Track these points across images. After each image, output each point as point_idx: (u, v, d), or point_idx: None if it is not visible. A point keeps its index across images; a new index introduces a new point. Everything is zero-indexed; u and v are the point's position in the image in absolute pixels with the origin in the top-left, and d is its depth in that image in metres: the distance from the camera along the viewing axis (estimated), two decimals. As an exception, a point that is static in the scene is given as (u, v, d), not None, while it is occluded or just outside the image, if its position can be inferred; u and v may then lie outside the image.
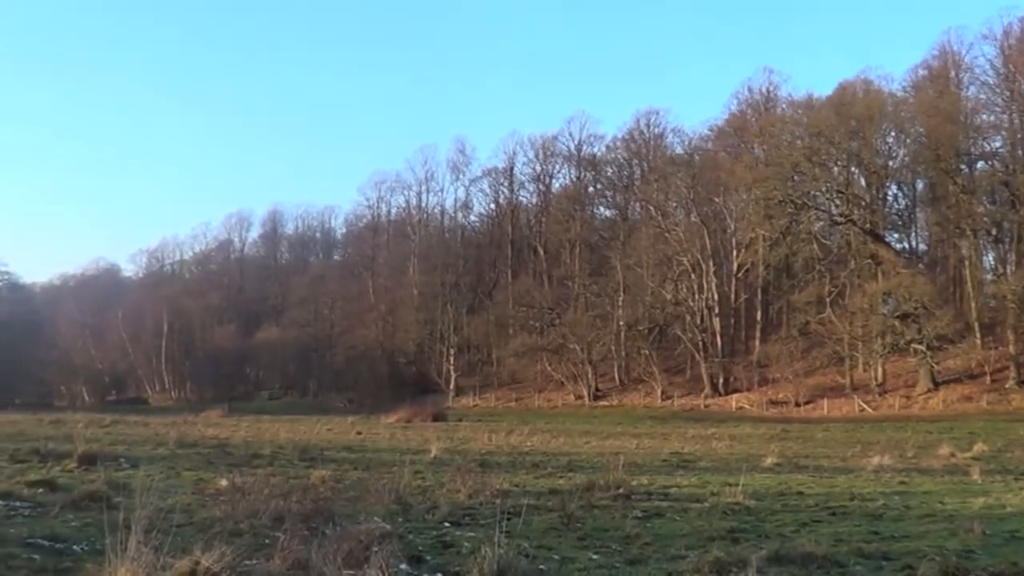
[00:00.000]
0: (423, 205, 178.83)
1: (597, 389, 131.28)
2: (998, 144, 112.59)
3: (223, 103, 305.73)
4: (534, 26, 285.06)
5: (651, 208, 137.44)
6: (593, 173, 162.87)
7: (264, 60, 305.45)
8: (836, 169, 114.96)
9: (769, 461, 33.38)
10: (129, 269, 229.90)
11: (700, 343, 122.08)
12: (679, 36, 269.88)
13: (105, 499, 17.56)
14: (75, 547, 13.93)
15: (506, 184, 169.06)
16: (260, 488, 18.42)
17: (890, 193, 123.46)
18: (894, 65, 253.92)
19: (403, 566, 12.86)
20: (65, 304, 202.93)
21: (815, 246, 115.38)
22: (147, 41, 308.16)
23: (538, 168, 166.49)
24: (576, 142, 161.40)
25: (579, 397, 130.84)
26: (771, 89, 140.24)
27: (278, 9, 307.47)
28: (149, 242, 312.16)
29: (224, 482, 21.24)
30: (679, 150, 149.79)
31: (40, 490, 20.14)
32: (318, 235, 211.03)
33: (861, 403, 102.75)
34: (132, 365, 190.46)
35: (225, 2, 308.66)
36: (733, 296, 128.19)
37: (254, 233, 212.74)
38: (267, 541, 14.08)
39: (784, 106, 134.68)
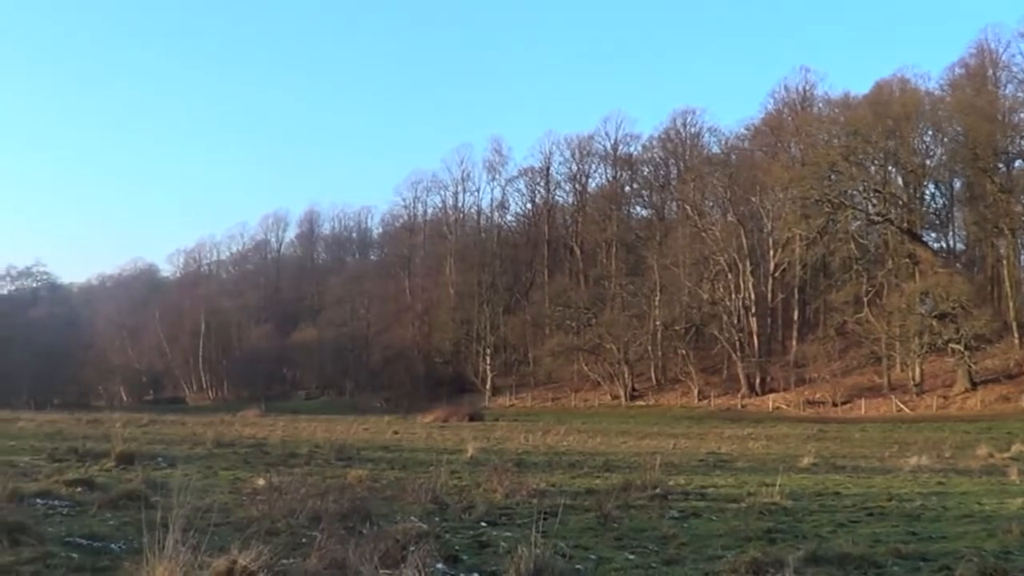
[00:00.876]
0: (459, 205, 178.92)
1: (633, 389, 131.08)
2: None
3: (260, 103, 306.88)
4: (570, 26, 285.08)
5: (687, 208, 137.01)
6: (629, 173, 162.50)
7: (301, 60, 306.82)
8: (873, 168, 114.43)
9: (806, 461, 33.25)
10: (166, 269, 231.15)
11: (737, 343, 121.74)
12: (715, 35, 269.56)
13: (143, 498, 17.63)
14: (113, 546, 13.98)
15: (542, 184, 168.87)
16: (297, 487, 18.49)
17: (927, 192, 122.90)
18: (931, 63, 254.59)
19: (440, 566, 12.86)
20: (103, 304, 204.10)
21: (852, 245, 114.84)
22: (184, 42, 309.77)
23: (574, 168, 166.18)
24: (612, 141, 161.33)
25: (615, 397, 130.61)
26: (807, 88, 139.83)
27: (314, 9, 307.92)
28: (186, 242, 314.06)
29: (261, 481, 21.29)
30: (715, 149, 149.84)
31: (78, 489, 20.21)
32: (354, 235, 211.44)
33: (898, 403, 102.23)
34: (169, 365, 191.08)
35: (258, 2, 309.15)
36: (770, 296, 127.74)
37: (291, 233, 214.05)
38: (304, 540, 14.11)
39: (821, 105, 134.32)
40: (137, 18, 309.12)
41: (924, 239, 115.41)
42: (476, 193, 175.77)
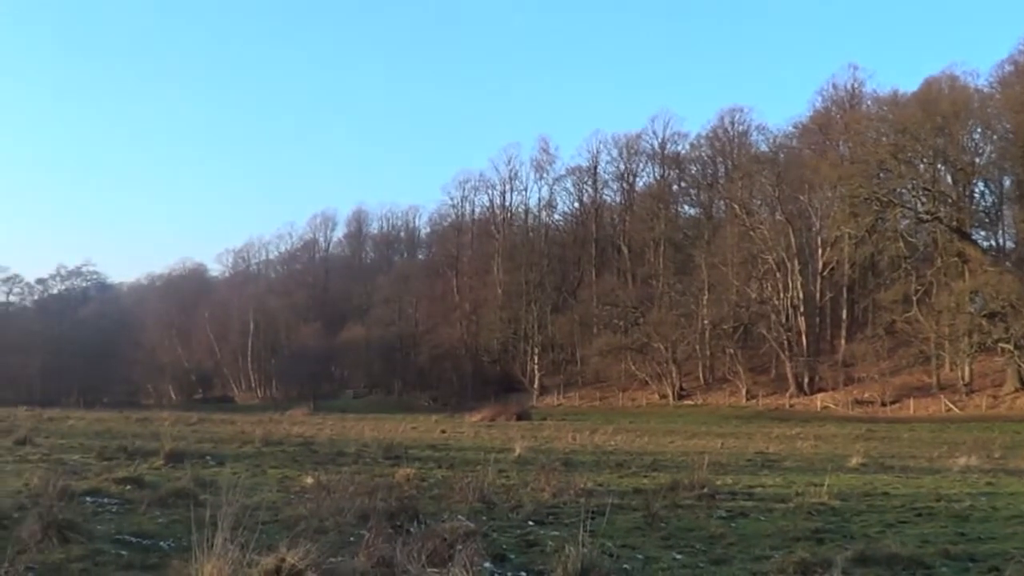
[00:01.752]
0: (507, 204, 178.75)
1: (681, 388, 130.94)
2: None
3: (308, 104, 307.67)
4: (618, 24, 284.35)
5: (736, 206, 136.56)
6: (677, 171, 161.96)
7: (348, 61, 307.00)
8: (922, 166, 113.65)
9: (854, 461, 33.00)
10: (215, 269, 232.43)
11: (785, 342, 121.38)
12: (763, 33, 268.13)
13: (192, 496, 17.75)
14: (162, 543, 14.07)
15: (590, 183, 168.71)
16: (345, 486, 18.50)
17: (977, 190, 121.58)
18: (980, 61, 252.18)
19: (487, 564, 12.84)
20: (152, 303, 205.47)
21: (901, 244, 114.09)
22: (230, 43, 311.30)
23: (622, 167, 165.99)
24: (660, 140, 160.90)
25: (663, 396, 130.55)
26: (856, 86, 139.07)
27: (361, 10, 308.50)
28: (235, 242, 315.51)
29: (309, 480, 21.37)
30: (763, 148, 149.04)
31: (128, 487, 20.39)
32: (402, 234, 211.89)
33: (948, 403, 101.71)
34: (218, 364, 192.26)
35: (306, 5, 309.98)
36: (818, 295, 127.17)
37: (339, 233, 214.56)
38: (352, 539, 14.12)
39: (869, 103, 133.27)
40: (184, 17, 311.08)
41: (973, 237, 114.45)
42: (524, 192, 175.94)
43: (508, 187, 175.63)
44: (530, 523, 17.19)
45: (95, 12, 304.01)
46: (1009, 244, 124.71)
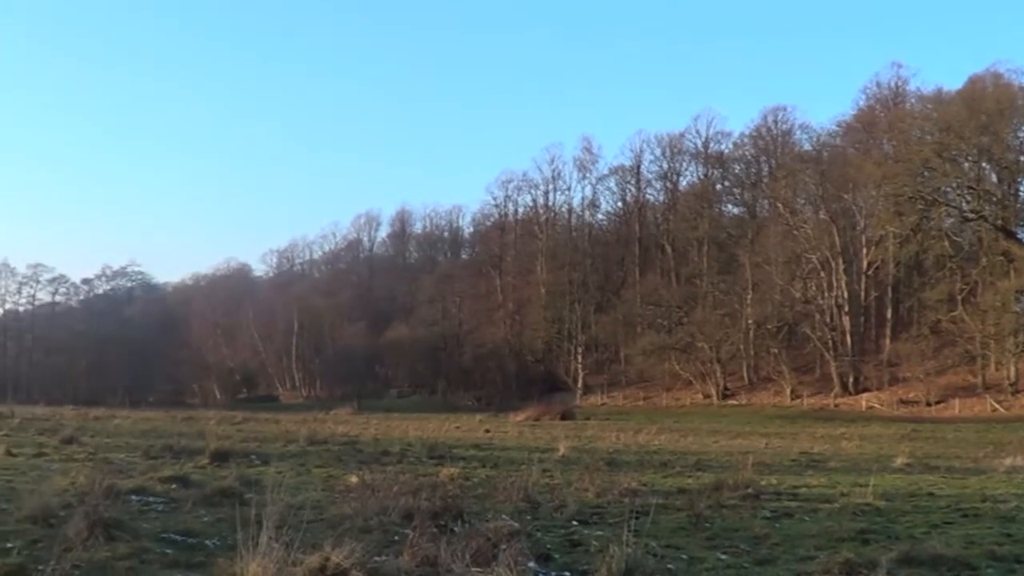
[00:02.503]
0: (550, 204, 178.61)
1: (726, 388, 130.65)
2: None
3: (352, 104, 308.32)
4: (660, 24, 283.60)
5: (779, 205, 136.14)
6: (720, 170, 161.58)
7: (393, 61, 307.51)
8: (967, 164, 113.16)
9: (899, 461, 32.85)
10: (260, 269, 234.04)
11: (830, 342, 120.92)
12: (806, 31, 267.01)
13: (237, 495, 17.83)
14: (207, 542, 14.14)
15: (633, 182, 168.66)
16: (389, 485, 18.53)
17: (1022, 188, 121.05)
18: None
19: (531, 564, 12.84)
20: (197, 303, 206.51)
21: (946, 243, 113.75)
22: (274, 43, 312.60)
23: (665, 166, 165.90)
24: (703, 139, 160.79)
25: (707, 396, 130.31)
26: (900, 84, 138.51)
27: (404, 10, 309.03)
28: (279, 242, 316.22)
29: (354, 479, 21.38)
30: (807, 146, 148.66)
31: (173, 486, 20.48)
32: (446, 234, 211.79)
33: (993, 403, 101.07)
34: (263, 363, 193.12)
35: (349, 4, 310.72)
36: (863, 294, 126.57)
37: (383, 232, 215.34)
38: (396, 538, 14.17)
39: (913, 101, 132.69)
40: (227, 20, 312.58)
41: (1019, 236, 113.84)
42: (567, 192, 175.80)
43: (551, 186, 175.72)
44: (574, 523, 17.15)
45: (148, 13, 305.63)
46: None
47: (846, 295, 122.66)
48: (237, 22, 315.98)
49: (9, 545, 13.23)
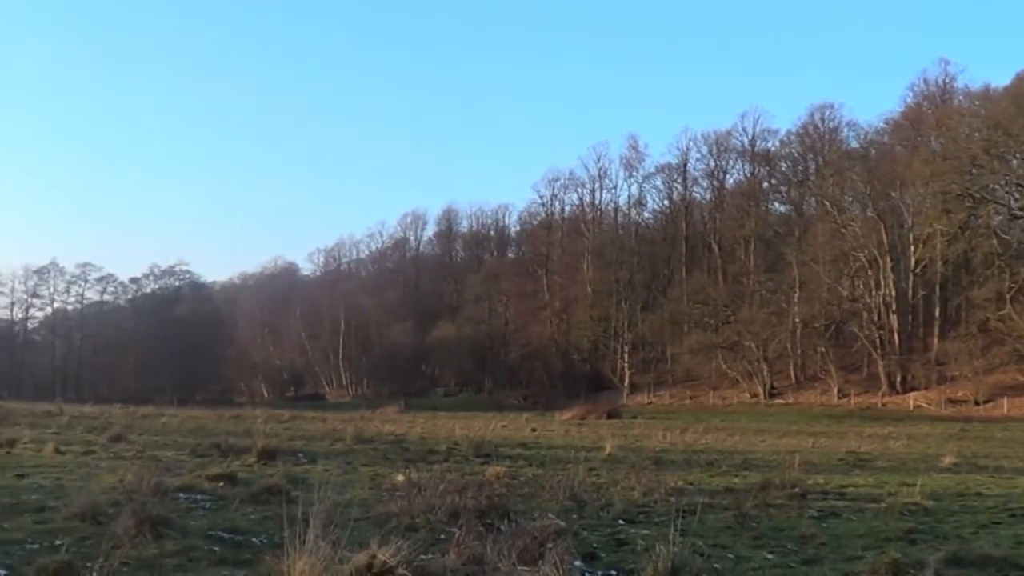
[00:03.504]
0: (596, 202, 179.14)
1: (772, 387, 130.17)
2: None
3: (398, 104, 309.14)
4: (706, 22, 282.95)
5: (827, 203, 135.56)
6: (767, 168, 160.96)
7: (440, 60, 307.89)
8: (1015, 161, 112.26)
9: (947, 461, 32.66)
10: (307, 268, 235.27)
11: (877, 340, 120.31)
12: (853, 28, 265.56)
13: (284, 493, 17.92)
14: (254, 539, 14.20)
15: (679, 180, 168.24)
16: (436, 484, 18.55)
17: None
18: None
19: (577, 563, 12.82)
20: (244, 302, 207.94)
21: (994, 241, 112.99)
22: (325, 45, 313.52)
23: (711, 164, 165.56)
24: (749, 137, 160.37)
25: (754, 395, 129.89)
26: (947, 80, 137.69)
27: (449, 8, 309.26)
28: (326, 241, 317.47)
29: (400, 478, 21.38)
30: (854, 144, 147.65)
31: (221, 484, 20.54)
32: (492, 233, 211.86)
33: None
34: (310, 362, 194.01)
35: (393, 3, 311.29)
36: (910, 292, 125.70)
37: (429, 231, 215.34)
38: (442, 536, 14.19)
39: (961, 98, 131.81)
40: (280, 21, 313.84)
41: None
42: (613, 190, 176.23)
43: (598, 185, 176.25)
44: (620, 522, 17.12)
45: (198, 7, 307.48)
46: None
47: (894, 293, 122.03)
48: (292, 21, 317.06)
49: (58, 542, 13.32)
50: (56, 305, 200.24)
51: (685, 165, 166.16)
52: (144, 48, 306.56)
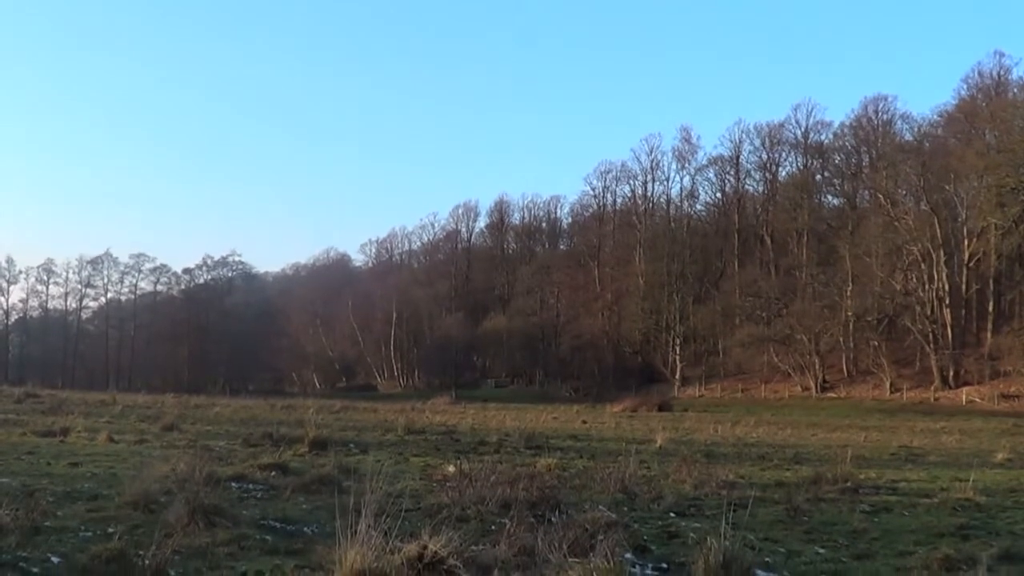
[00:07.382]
0: (648, 194, 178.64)
1: (824, 380, 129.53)
2: None
3: (452, 95, 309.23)
4: (759, 13, 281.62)
5: (880, 196, 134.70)
6: (820, 161, 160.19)
7: (489, 51, 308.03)
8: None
9: (1000, 456, 32.48)
10: (358, 259, 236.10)
11: (930, 335, 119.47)
12: (906, 21, 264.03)
13: (335, 483, 18.00)
14: (306, 529, 14.27)
15: (732, 173, 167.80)
16: (487, 475, 18.55)
17: None
18: None
19: (628, 555, 12.82)
20: (297, 293, 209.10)
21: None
22: (375, 39, 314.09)
23: (764, 156, 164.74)
24: (803, 129, 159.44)
25: (806, 388, 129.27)
26: (1002, 73, 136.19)
27: (500, 4, 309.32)
28: (378, 233, 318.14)
29: (451, 468, 21.42)
30: (908, 137, 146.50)
31: (272, 473, 20.69)
32: (544, 225, 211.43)
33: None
34: (361, 353, 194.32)
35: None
36: (964, 286, 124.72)
37: (481, 223, 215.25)
38: (493, 527, 14.24)
39: (1016, 90, 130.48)
40: (331, 8, 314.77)
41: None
42: (665, 182, 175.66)
43: (650, 177, 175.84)
44: (671, 515, 17.13)
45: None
46: None
47: (947, 287, 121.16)
48: (343, 8, 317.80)
49: (111, 530, 13.47)
50: (110, 295, 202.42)
51: (738, 157, 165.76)
52: (195, 41, 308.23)
